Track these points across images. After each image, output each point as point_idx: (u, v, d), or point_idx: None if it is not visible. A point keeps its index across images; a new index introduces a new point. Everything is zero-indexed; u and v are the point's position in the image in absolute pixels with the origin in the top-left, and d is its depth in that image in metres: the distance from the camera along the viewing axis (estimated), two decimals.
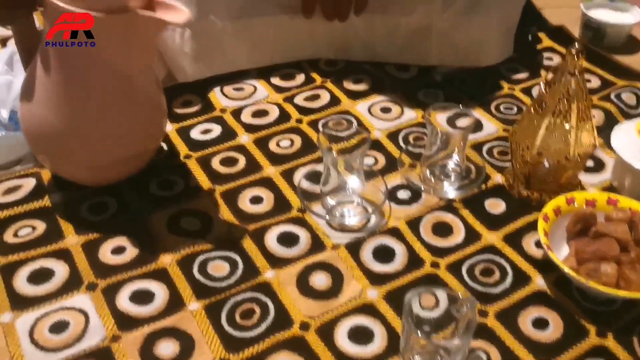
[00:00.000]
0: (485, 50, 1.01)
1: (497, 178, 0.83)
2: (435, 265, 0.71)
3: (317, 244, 0.72)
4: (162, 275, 0.68)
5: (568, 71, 0.69)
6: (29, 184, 0.79)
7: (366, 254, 0.71)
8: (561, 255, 0.70)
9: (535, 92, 0.98)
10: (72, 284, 0.67)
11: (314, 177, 0.79)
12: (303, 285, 0.68)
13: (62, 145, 0.71)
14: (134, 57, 0.69)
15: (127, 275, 0.68)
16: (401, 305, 0.65)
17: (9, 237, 0.72)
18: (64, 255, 0.70)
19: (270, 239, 0.73)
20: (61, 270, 0.68)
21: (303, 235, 0.73)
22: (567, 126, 0.71)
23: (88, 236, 0.72)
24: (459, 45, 0.99)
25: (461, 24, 0.97)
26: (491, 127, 0.91)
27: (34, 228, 0.73)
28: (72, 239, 0.72)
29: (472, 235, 0.74)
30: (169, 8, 0.67)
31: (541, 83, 0.72)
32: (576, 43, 0.68)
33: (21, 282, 0.67)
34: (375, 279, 0.69)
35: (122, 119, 0.71)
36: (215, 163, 0.83)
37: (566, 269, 0.64)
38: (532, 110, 0.74)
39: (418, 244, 0.73)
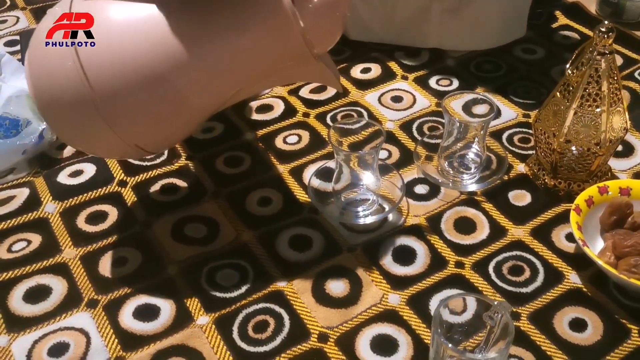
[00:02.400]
0: (490, 31, 0.95)
1: (520, 167, 0.77)
2: (459, 265, 0.66)
3: (331, 247, 0.68)
4: (167, 288, 0.63)
5: (597, 51, 0.63)
6: (22, 194, 0.74)
7: (385, 255, 0.67)
8: (596, 249, 0.65)
9: (553, 73, 0.93)
10: (71, 301, 0.62)
11: (325, 174, 0.74)
12: (319, 292, 0.63)
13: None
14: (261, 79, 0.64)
15: (130, 289, 0.63)
16: (425, 310, 0.61)
17: (2, 252, 0.67)
18: (62, 270, 0.65)
19: (282, 244, 0.68)
20: (59, 287, 0.64)
21: (316, 237, 0.69)
22: (597, 110, 0.66)
23: (87, 248, 0.68)
24: (461, 27, 0.93)
25: (462, 5, 0.91)
26: (510, 112, 0.86)
27: (29, 242, 0.68)
28: (70, 252, 0.67)
29: (497, 231, 0.69)
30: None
31: (567, 66, 0.66)
32: (605, 22, 0.63)
33: (17, 302, 0.62)
34: (396, 282, 0.64)
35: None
36: (220, 164, 0.78)
37: (604, 266, 0.59)
38: (557, 94, 0.68)
39: (440, 242, 0.68)
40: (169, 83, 0.57)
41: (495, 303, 0.51)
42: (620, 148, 0.79)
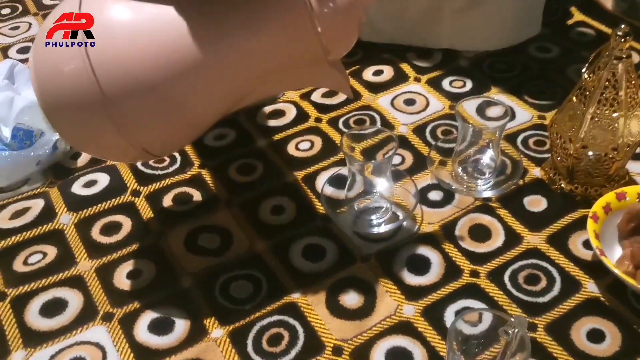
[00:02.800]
0: (503, 30, 0.93)
1: (535, 172, 0.76)
2: (474, 274, 0.65)
3: (345, 257, 0.67)
4: (182, 300, 0.64)
5: (614, 55, 0.62)
6: (38, 205, 0.74)
7: (399, 265, 0.66)
8: (614, 256, 0.64)
9: (568, 72, 0.91)
10: (87, 315, 0.63)
11: (338, 181, 0.74)
12: (333, 304, 0.63)
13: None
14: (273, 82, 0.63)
15: (145, 301, 0.64)
16: (440, 321, 0.61)
17: (18, 265, 0.68)
18: (78, 282, 0.66)
19: (295, 254, 0.68)
20: (75, 300, 0.64)
21: (330, 247, 0.68)
22: (615, 115, 0.64)
23: (102, 260, 0.68)
24: (473, 27, 0.92)
25: (474, 3, 0.89)
26: (525, 114, 0.85)
27: (44, 254, 0.69)
28: (86, 264, 0.67)
29: (512, 238, 0.68)
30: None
31: (583, 70, 0.65)
32: (622, 25, 0.61)
33: (33, 316, 0.63)
34: (411, 293, 0.63)
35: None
36: (232, 172, 0.78)
37: (622, 276, 0.58)
38: (573, 98, 0.67)
39: (454, 250, 0.67)
40: (182, 85, 0.55)
41: (512, 319, 0.50)
42: (638, 150, 0.78)
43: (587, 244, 0.67)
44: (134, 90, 0.54)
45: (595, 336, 0.59)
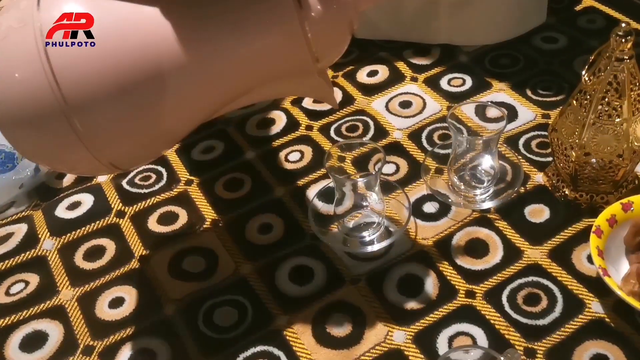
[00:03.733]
0: (505, 21, 0.88)
1: (538, 178, 0.72)
2: (470, 294, 0.61)
3: (333, 279, 0.64)
4: (165, 331, 0.61)
5: (615, 57, 0.57)
6: (21, 230, 0.73)
7: (390, 286, 0.63)
8: (620, 272, 0.60)
9: (576, 65, 0.85)
10: (67, 349, 0.61)
11: (328, 195, 0.70)
12: (320, 332, 0.60)
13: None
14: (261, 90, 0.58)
15: (127, 332, 0.61)
16: (432, 348, 0.57)
17: (0, 296, 0.66)
18: (59, 313, 0.64)
19: (282, 276, 0.65)
20: (55, 333, 0.62)
21: (318, 268, 0.65)
22: (617, 120, 0.60)
23: (84, 287, 0.66)
24: (472, 19, 0.86)
25: None
26: (528, 113, 0.80)
27: (27, 283, 0.67)
28: (67, 293, 0.66)
29: (512, 253, 0.64)
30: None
31: (583, 72, 0.60)
32: (622, 23, 0.56)
33: (13, 351, 0.61)
34: (402, 317, 0.60)
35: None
36: (219, 188, 0.75)
37: (627, 299, 0.54)
38: (574, 102, 0.62)
39: (450, 268, 0.64)
40: (158, 90, 0.49)
41: (501, 358, 0.46)
42: None
43: (591, 259, 0.62)
44: (101, 96, 0.47)
45: None
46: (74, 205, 0.75)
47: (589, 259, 0.63)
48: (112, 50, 0.48)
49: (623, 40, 0.56)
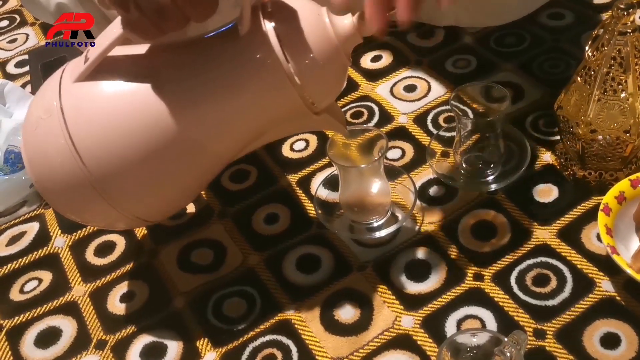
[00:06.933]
0: (512, 1, 0.86)
1: (546, 157, 0.71)
2: (478, 277, 0.61)
3: (340, 266, 0.64)
4: (175, 323, 0.62)
5: (618, 30, 0.56)
6: (33, 229, 0.74)
7: (397, 271, 0.63)
8: (630, 249, 0.59)
9: (583, 41, 0.84)
10: (81, 343, 0.62)
11: (333, 183, 0.70)
12: (328, 319, 0.60)
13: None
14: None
15: (138, 326, 0.62)
16: (441, 332, 0.57)
17: (15, 294, 0.67)
18: (72, 309, 0.65)
19: (289, 266, 0.65)
20: (69, 328, 0.63)
21: (325, 256, 0.65)
22: (622, 95, 0.58)
23: (96, 283, 0.67)
24: (480, 1, 0.85)
25: None
26: (534, 92, 0.78)
27: (40, 280, 0.68)
28: (80, 289, 0.67)
29: (520, 234, 0.64)
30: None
31: (586, 47, 0.59)
32: None
33: (28, 348, 0.62)
34: (410, 302, 0.60)
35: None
36: (225, 180, 0.75)
37: (636, 276, 0.53)
38: (578, 79, 0.61)
39: (457, 252, 0.63)
40: (167, 154, 0.54)
41: (505, 339, 0.46)
42: None
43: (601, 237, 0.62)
44: (119, 168, 0.53)
45: (610, 341, 0.54)
46: None
47: (599, 237, 0.62)
48: (123, 127, 0.53)
49: (625, 13, 0.55)
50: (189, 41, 0.56)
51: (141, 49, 0.56)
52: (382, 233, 0.65)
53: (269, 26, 0.52)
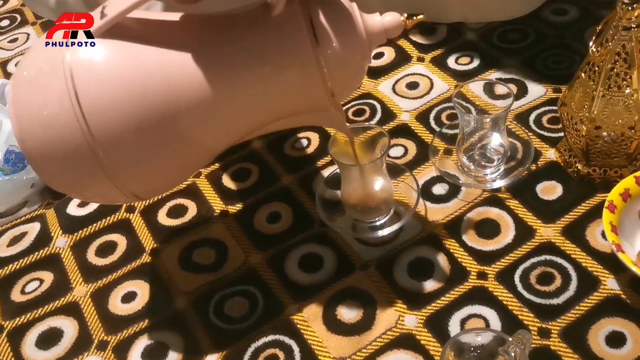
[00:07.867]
0: None
1: (550, 154, 0.70)
2: (482, 275, 0.60)
3: (343, 265, 0.64)
4: (177, 324, 0.62)
5: (622, 25, 0.55)
6: (34, 229, 0.73)
7: (400, 270, 0.62)
8: (635, 247, 0.58)
9: (587, 37, 0.83)
10: (82, 344, 0.62)
11: (335, 181, 0.70)
12: (330, 319, 0.59)
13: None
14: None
15: (139, 327, 0.62)
16: (444, 331, 0.57)
17: (16, 295, 0.67)
18: (73, 310, 0.65)
19: (291, 265, 0.64)
20: (70, 329, 0.63)
21: (327, 255, 0.65)
22: (627, 91, 0.58)
23: (97, 283, 0.67)
24: None
25: None
26: (538, 89, 0.78)
27: (41, 281, 0.68)
28: (81, 289, 0.66)
29: (524, 232, 0.63)
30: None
31: (590, 43, 0.58)
32: None
33: (30, 348, 0.62)
34: (413, 301, 0.59)
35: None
36: (226, 178, 0.75)
37: None
38: (582, 75, 0.60)
39: (461, 250, 0.63)
40: (180, 131, 0.51)
41: (510, 339, 0.46)
42: None
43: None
44: (127, 133, 0.49)
45: (616, 340, 0.54)
46: (85, 202, 0.75)
47: (604, 235, 0.61)
48: (138, 92, 0.50)
49: (630, 8, 0.54)
50: (223, 14, 0.54)
51: (168, 16, 0.53)
52: (384, 232, 0.65)
53: (301, 7, 0.50)
